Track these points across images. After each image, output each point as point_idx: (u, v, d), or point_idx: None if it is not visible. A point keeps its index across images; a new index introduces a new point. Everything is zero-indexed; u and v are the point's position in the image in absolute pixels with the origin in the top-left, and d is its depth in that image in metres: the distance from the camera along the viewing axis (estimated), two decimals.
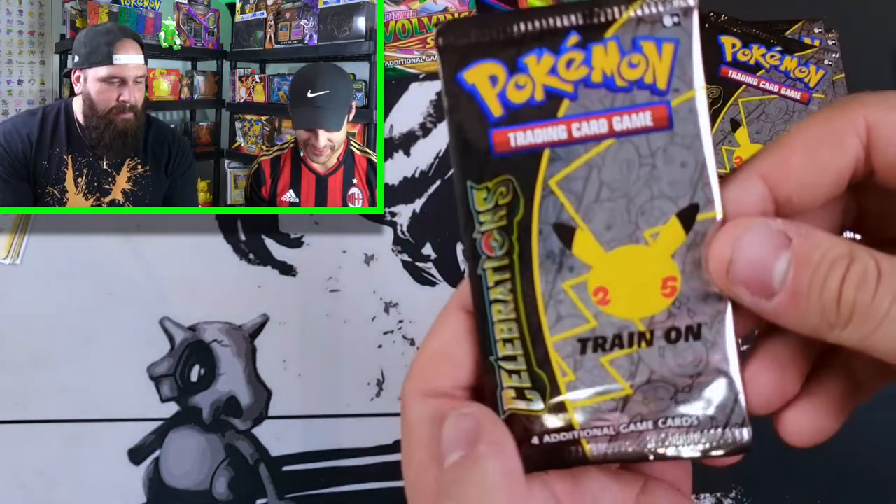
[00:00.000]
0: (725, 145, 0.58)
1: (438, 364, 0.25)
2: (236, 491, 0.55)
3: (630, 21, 0.23)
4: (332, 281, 0.58)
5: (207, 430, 0.55)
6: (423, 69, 0.61)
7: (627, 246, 0.24)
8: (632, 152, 0.23)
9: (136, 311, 0.57)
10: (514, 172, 0.24)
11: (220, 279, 0.57)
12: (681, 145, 0.23)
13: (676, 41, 0.23)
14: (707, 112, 0.23)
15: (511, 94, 0.23)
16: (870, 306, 0.20)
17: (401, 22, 0.62)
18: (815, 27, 0.60)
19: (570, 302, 0.24)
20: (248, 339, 0.57)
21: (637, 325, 0.24)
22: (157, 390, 0.56)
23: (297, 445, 0.55)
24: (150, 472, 0.55)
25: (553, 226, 0.24)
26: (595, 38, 0.23)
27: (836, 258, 0.21)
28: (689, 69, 0.23)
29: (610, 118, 0.23)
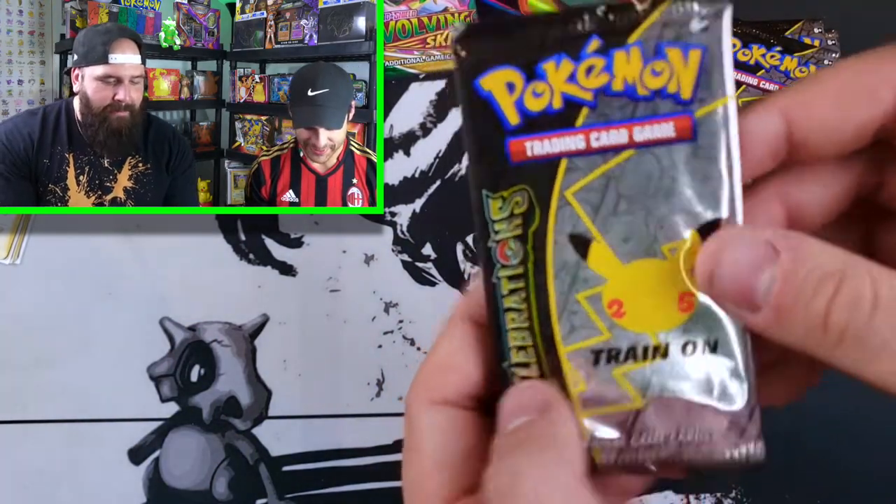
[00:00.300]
0: None
1: (446, 374, 0.25)
2: (236, 491, 0.55)
3: (655, 25, 0.22)
4: (332, 281, 0.58)
5: (207, 430, 0.55)
6: (424, 69, 0.61)
7: (644, 259, 0.23)
8: (652, 164, 0.23)
9: (136, 311, 0.57)
10: (531, 182, 0.23)
11: (220, 279, 0.57)
12: (704, 158, 0.22)
13: (704, 48, 0.22)
14: (735, 123, 0.23)
15: (528, 102, 0.23)
16: (865, 333, 0.19)
17: (401, 22, 0.62)
18: (815, 27, 0.60)
19: (584, 313, 0.23)
20: (248, 339, 0.57)
21: (652, 339, 0.23)
22: (157, 390, 0.56)
23: (297, 445, 0.55)
24: (150, 472, 0.55)
25: (569, 236, 0.23)
26: (617, 44, 0.22)
27: (825, 275, 0.20)
28: (716, 78, 0.22)
29: (630, 128, 0.23)
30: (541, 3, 0.61)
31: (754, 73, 0.59)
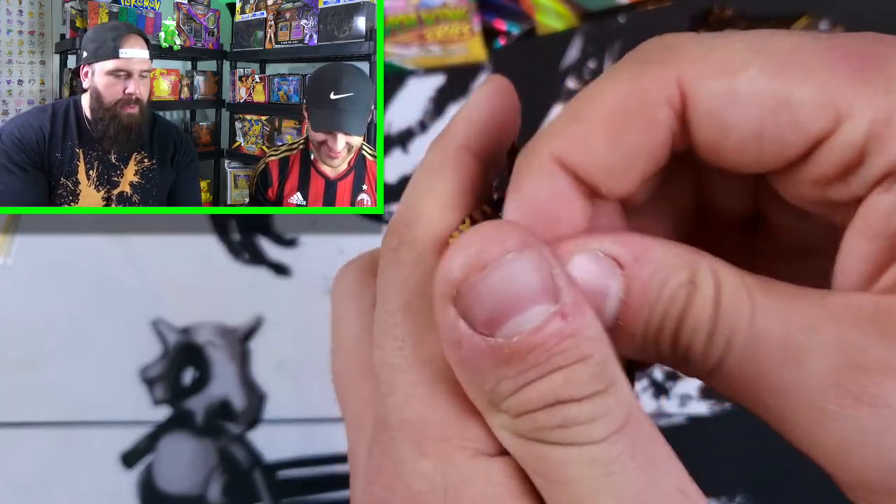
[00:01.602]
0: None
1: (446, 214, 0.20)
2: (230, 496, 0.54)
3: None
4: (328, 282, 0.57)
5: (201, 434, 0.55)
6: (421, 64, 0.60)
7: None
8: None
9: (128, 313, 0.57)
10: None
11: (214, 280, 0.57)
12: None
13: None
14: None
15: None
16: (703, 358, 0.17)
17: (399, 16, 0.61)
18: (819, 24, 0.59)
19: None
20: (242, 342, 0.56)
21: None
22: (149, 393, 0.55)
23: (293, 450, 0.55)
24: (142, 476, 0.55)
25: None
26: None
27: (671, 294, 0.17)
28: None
29: None
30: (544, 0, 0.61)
31: None
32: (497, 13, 0.60)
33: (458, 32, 0.60)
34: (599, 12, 0.61)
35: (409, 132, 0.59)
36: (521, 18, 0.60)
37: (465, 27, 0.59)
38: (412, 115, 0.59)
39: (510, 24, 0.60)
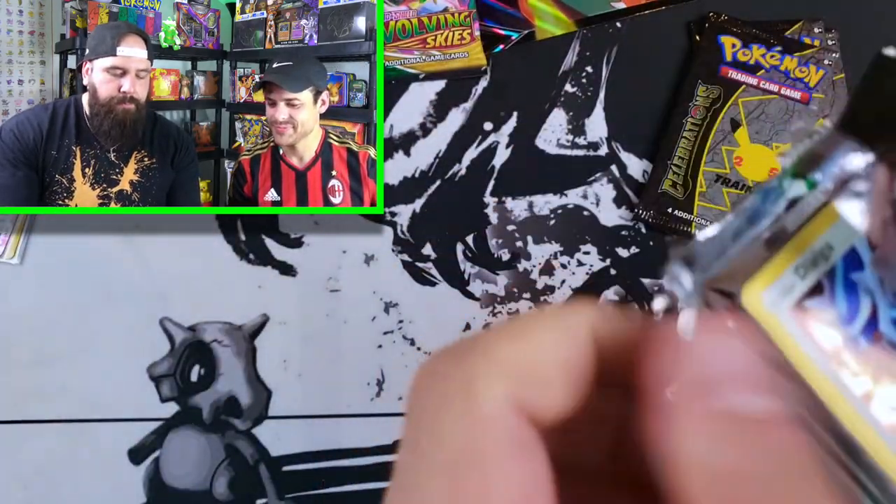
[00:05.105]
0: (725, 145, 0.58)
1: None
2: (236, 491, 0.55)
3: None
4: (332, 281, 0.58)
5: (207, 430, 0.55)
6: (423, 69, 0.61)
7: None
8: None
9: (136, 311, 0.57)
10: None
11: (220, 279, 0.57)
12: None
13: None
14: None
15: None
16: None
17: (401, 22, 0.62)
18: (815, 27, 0.60)
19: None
20: (248, 339, 0.57)
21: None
22: (157, 390, 0.56)
23: (298, 445, 0.55)
24: (150, 472, 0.55)
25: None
26: None
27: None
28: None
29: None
30: (541, 3, 0.61)
31: (754, 73, 0.59)
32: (496, 19, 0.61)
33: (459, 37, 0.61)
34: (597, 18, 0.62)
35: (411, 135, 0.60)
36: (521, 24, 0.61)
37: (465, 32, 0.60)
38: (414, 118, 0.60)
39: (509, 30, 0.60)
